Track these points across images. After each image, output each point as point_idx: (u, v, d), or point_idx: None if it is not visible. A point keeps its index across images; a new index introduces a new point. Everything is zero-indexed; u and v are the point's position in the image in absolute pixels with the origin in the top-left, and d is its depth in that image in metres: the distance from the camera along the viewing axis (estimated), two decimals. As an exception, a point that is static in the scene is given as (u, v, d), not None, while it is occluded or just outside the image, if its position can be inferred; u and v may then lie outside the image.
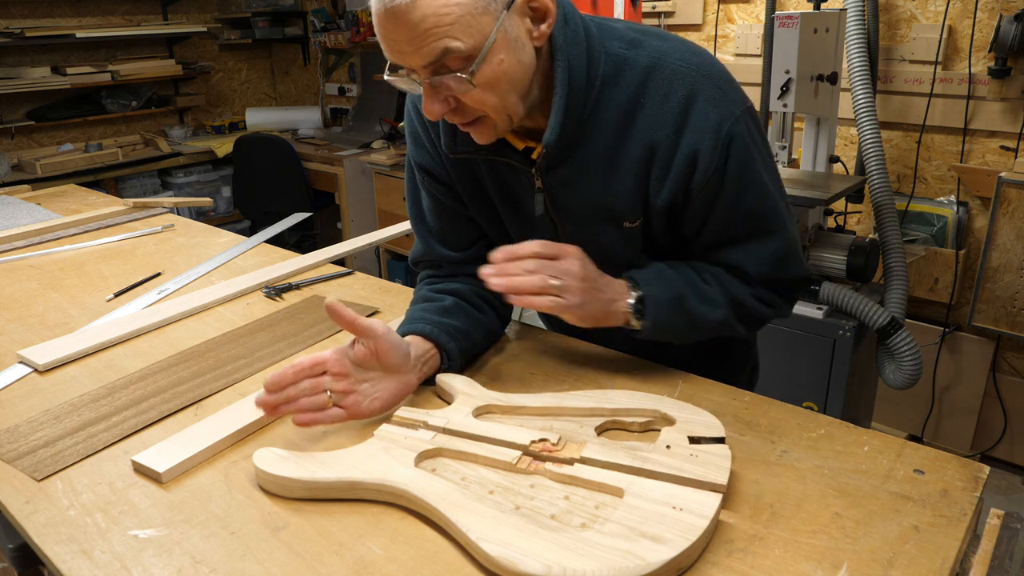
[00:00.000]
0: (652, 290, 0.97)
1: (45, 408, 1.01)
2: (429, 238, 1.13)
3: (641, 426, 0.89)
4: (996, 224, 2.17)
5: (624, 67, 0.93)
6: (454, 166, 1.05)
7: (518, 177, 1.01)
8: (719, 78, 0.93)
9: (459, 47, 0.80)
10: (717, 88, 0.92)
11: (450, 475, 0.81)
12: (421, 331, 1.00)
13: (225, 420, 0.93)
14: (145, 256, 1.66)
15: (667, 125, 0.92)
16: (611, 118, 0.93)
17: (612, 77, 0.93)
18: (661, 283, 0.97)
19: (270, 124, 4.45)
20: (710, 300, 0.98)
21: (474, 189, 1.07)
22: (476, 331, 1.06)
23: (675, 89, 0.91)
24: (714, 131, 0.91)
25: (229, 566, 0.70)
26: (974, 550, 0.71)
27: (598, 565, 0.65)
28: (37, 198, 2.22)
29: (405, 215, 3.37)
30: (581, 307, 0.93)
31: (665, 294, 0.97)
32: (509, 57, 0.84)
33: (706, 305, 0.98)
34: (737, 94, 0.94)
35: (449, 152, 1.00)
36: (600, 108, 0.93)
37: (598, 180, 0.97)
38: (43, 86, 3.67)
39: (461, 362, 1.03)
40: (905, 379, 2.19)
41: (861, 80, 2.28)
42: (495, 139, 0.93)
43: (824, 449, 0.85)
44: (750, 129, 0.94)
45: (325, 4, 4.45)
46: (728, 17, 2.81)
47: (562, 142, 0.93)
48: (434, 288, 1.11)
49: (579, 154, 0.95)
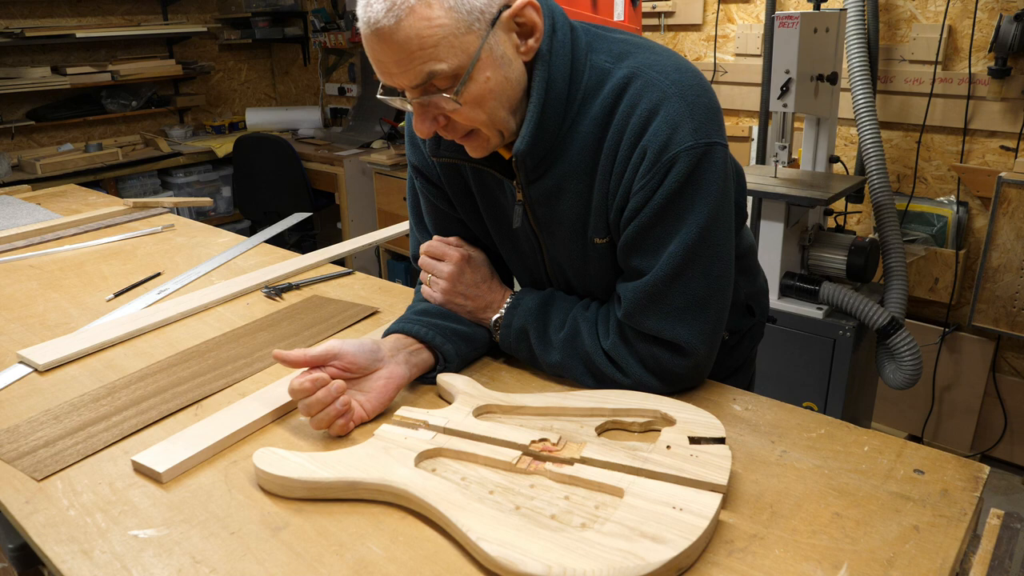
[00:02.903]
0: (508, 315, 1.04)
1: (45, 408, 1.01)
2: (427, 238, 1.14)
3: (641, 426, 0.89)
4: (996, 224, 2.17)
5: (604, 80, 0.91)
6: (444, 170, 1.06)
7: (501, 187, 1.01)
8: (695, 102, 0.87)
9: (444, 69, 0.81)
10: (686, 108, 0.86)
11: (450, 475, 0.81)
12: (406, 330, 1.01)
13: (225, 420, 0.93)
14: (145, 256, 1.66)
15: (629, 135, 0.89)
16: (588, 132, 0.92)
17: (592, 91, 0.91)
18: (522, 311, 1.03)
19: (270, 124, 4.45)
20: (550, 343, 1.00)
21: (463, 194, 1.07)
22: (477, 335, 1.07)
23: (643, 99, 0.88)
24: (660, 148, 0.86)
25: (229, 566, 0.70)
26: (974, 550, 0.71)
27: (598, 565, 0.65)
28: (37, 198, 2.22)
29: (405, 215, 3.37)
30: (444, 304, 1.07)
31: (516, 322, 1.03)
32: (496, 74, 0.84)
33: (542, 346, 1.01)
34: (704, 127, 0.87)
35: (433, 156, 1.00)
36: (579, 122, 0.92)
37: (575, 195, 0.95)
38: (43, 86, 3.67)
39: (459, 364, 1.03)
40: (905, 379, 2.19)
41: (861, 80, 2.28)
42: (489, 153, 0.93)
43: (824, 449, 0.85)
44: (699, 166, 0.87)
45: (325, 4, 4.45)
46: (728, 17, 2.81)
47: (537, 152, 0.92)
48: None
49: (558, 169, 0.94)
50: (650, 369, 0.94)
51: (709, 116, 0.88)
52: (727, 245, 0.93)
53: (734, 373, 1.22)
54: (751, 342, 1.26)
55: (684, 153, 0.86)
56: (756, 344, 1.28)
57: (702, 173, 0.87)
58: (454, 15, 0.80)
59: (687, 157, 0.86)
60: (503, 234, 1.08)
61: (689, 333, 0.92)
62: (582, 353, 0.97)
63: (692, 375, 0.96)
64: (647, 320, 0.93)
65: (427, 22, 0.79)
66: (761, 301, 1.24)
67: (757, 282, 1.24)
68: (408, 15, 0.78)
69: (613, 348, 0.96)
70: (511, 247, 1.09)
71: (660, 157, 0.86)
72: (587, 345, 0.97)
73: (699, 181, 0.88)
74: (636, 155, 0.88)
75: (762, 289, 1.25)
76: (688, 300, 0.91)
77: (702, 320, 0.92)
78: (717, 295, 0.93)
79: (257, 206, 4.06)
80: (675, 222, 0.89)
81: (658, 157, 0.87)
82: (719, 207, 0.90)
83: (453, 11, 0.80)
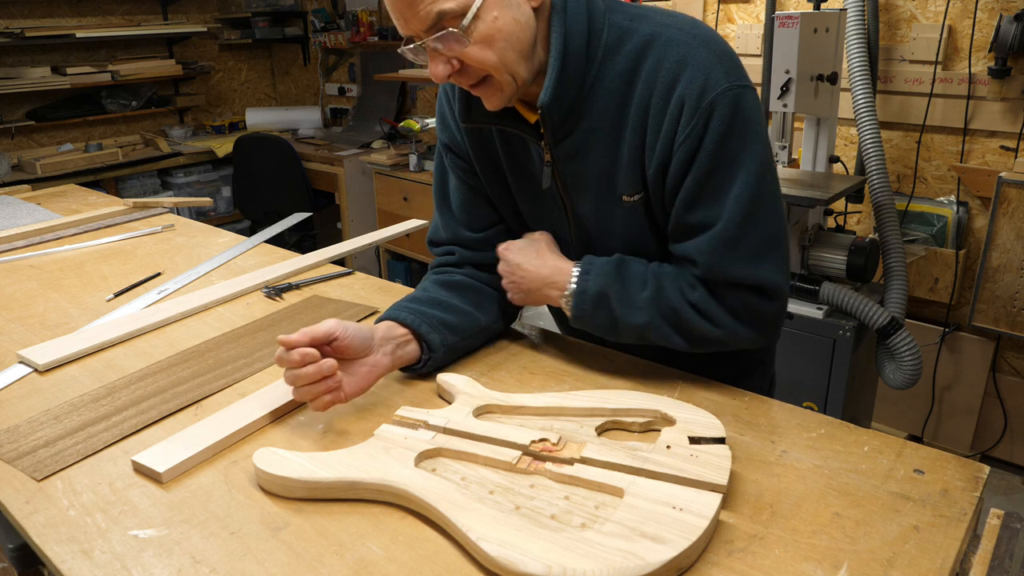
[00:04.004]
0: (581, 282, 0.99)
1: (45, 408, 1.01)
2: (449, 218, 1.16)
3: (641, 426, 0.89)
4: (996, 224, 2.17)
5: (625, 37, 0.93)
6: (472, 140, 1.08)
7: (528, 150, 1.03)
8: (719, 50, 0.91)
9: (451, 7, 0.85)
10: (713, 56, 0.90)
11: (450, 475, 0.81)
12: (395, 317, 1.03)
13: (225, 420, 0.93)
14: (145, 256, 1.66)
15: (660, 89, 0.91)
16: (613, 88, 0.94)
17: (614, 47, 0.94)
18: (597, 275, 0.98)
19: (270, 124, 4.45)
20: (633, 304, 0.96)
21: (489, 166, 1.09)
22: (468, 327, 1.07)
23: (669, 55, 0.91)
24: (698, 95, 0.89)
25: (229, 566, 0.70)
26: (974, 550, 0.71)
27: (598, 565, 0.65)
28: (37, 198, 2.22)
29: (405, 215, 3.38)
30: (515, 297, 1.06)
31: (592, 287, 0.98)
32: (503, 14, 0.87)
33: (627, 308, 0.97)
34: (734, 71, 0.90)
35: (463, 121, 1.02)
36: (603, 78, 0.94)
37: (602, 152, 0.97)
38: (43, 86, 3.67)
39: (444, 354, 1.04)
40: (905, 379, 2.19)
41: (861, 80, 2.28)
42: (504, 104, 0.95)
43: (824, 449, 0.85)
44: (740, 107, 0.90)
45: (325, 4, 4.45)
46: (728, 17, 2.81)
47: (563, 104, 0.94)
48: (438, 280, 1.13)
49: (584, 125, 0.96)
50: (740, 317, 0.95)
51: (735, 62, 0.91)
52: (778, 183, 0.97)
53: (753, 369, 1.21)
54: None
55: (722, 95, 0.88)
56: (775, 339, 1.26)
57: (744, 113, 0.90)
58: None
59: (726, 99, 0.89)
60: (529, 199, 1.09)
61: (772, 273, 0.94)
62: (669, 311, 0.96)
63: (778, 317, 0.98)
64: (730, 268, 0.93)
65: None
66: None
67: None
68: None
69: (702, 300, 0.95)
70: (537, 212, 1.10)
71: (700, 104, 0.89)
72: (674, 302, 0.95)
73: (744, 121, 0.90)
74: (673, 106, 0.90)
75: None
76: (762, 240, 0.93)
77: (778, 258, 0.94)
78: (783, 232, 0.96)
79: (257, 206, 4.06)
80: (731, 165, 0.91)
81: (698, 104, 0.89)
82: (766, 145, 0.93)
83: None
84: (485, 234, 1.14)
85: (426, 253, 3.41)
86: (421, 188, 3.37)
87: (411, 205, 3.44)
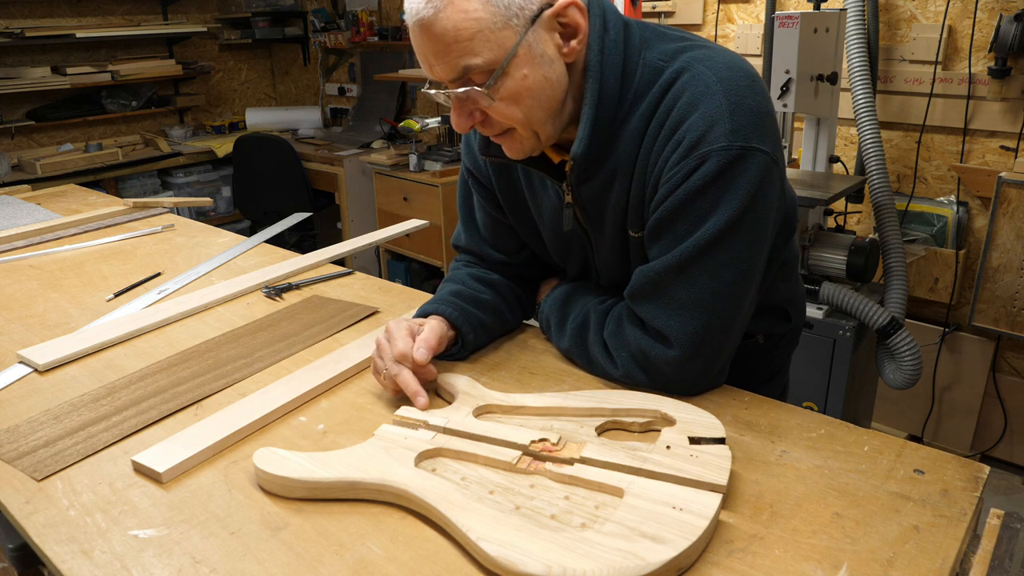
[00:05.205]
0: (542, 304, 1.11)
1: (45, 408, 1.01)
2: (475, 234, 1.17)
3: (641, 426, 0.89)
4: (996, 224, 2.17)
5: (656, 78, 0.90)
6: (495, 170, 1.08)
7: (547, 190, 1.02)
8: (739, 102, 0.84)
9: (479, 63, 0.82)
10: (727, 106, 0.84)
11: (450, 475, 0.81)
12: (448, 315, 1.04)
13: (225, 420, 0.93)
14: (145, 256, 1.66)
15: (667, 127, 0.88)
16: (636, 128, 0.91)
17: (644, 88, 0.90)
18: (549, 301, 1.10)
19: (270, 124, 4.45)
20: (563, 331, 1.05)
21: (513, 198, 1.09)
22: (497, 328, 1.12)
23: (687, 92, 0.86)
24: (694, 143, 0.84)
25: (229, 566, 0.70)
26: (974, 550, 0.71)
27: (598, 565, 0.65)
28: (37, 198, 2.22)
29: (405, 215, 3.37)
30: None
31: (544, 310, 1.11)
32: (534, 72, 0.84)
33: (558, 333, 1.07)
34: (746, 129, 0.84)
35: (482, 154, 1.01)
36: (629, 119, 0.91)
37: (621, 189, 0.95)
38: (43, 86, 3.67)
39: (471, 350, 1.08)
40: (905, 379, 2.19)
41: (861, 80, 2.28)
42: (525, 156, 0.93)
43: (824, 449, 0.85)
44: (730, 169, 0.84)
45: (325, 4, 4.45)
46: (728, 17, 2.81)
47: (591, 154, 0.92)
48: (473, 274, 1.15)
49: (606, 168, 0.94)
50: (637, 359, 0.94)
51: (752, 119, 0.84)
52: (748, 255, 0.89)
53: (769, 380, 1.20)
54: (787, 348, 1.22)
55: (716, 153, 0.84)
56: (791, 351, 1.25)
57: (732, 177, 0.84)
58: (491, 9, 0.80)
59: (718, 157, 0.84)
60: (553, 233, 1.08)
61: (680, 327, 0.89)
62: (582, 343, 1.01)
63: (677, 374, 0.92)
64: (644, 304, 0.93)
65: (464, 14, 0.80)
66: (798, 306, 1.20)
67: (796, 288, 1.20)
68: (446, 7, 0.80)
69: (610, 337, 0.98)
70: (561, 245, 1.10)
71: (691, 152, 0.85)
72: (591, 335, 1.00)
73: (727, 184, 0.85)
74: (670, 146, 0.87)
75: (800, 294, 1.21)
76: (689, 297, 0.89)
77: (697, 320, 0.89)
78: (723, 303, 0.89)
79: (257, 206, 4.06)
80: (696, 219, 0.87)
81: (689, 152, 0.85)
82: (744, 214, 0.86)
83: (491, 5, 0.80)
84: (514, 257, 1.16)
85: (426, 253, 3.42)
86: (421, 188, 3.37)
87: (411, 205, 3.44)
